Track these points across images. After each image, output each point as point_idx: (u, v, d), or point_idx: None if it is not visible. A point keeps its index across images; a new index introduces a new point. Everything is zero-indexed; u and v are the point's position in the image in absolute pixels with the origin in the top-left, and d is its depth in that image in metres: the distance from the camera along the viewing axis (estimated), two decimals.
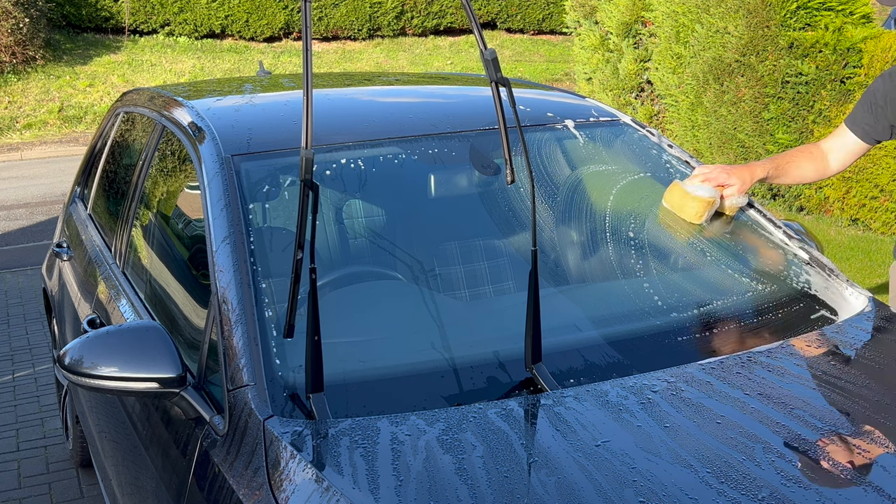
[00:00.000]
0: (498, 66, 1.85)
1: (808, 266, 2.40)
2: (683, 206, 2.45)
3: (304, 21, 1.71)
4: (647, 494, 1.50)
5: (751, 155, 7.91)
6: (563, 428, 1.70)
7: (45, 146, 13.04)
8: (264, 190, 2.38)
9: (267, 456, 1.69)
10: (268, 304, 2.00)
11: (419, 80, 3.74)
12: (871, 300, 2.30)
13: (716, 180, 2.49)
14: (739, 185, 2.50)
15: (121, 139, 3.58)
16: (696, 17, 8.22)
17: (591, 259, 2.45)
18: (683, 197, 2.45)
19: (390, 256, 2.42)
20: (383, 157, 2.52)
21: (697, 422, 1.71)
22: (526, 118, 2.62)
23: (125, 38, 16.30)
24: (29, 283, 6.80)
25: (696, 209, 2.43)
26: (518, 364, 1.91)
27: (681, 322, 2.15)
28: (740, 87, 7.85)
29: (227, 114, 2.68)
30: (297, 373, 1.87)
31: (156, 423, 2.20)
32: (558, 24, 17.68)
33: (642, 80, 9.37)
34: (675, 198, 2.48)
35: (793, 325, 2.15)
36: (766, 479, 1.55)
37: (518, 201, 2.50)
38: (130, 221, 2.96)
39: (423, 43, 17.86)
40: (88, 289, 3.17)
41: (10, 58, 14.28)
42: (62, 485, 3.88)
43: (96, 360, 1.97)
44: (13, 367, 5.20)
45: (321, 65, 16.27)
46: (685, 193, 2.45)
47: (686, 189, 2.46)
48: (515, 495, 1.51)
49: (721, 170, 2.51)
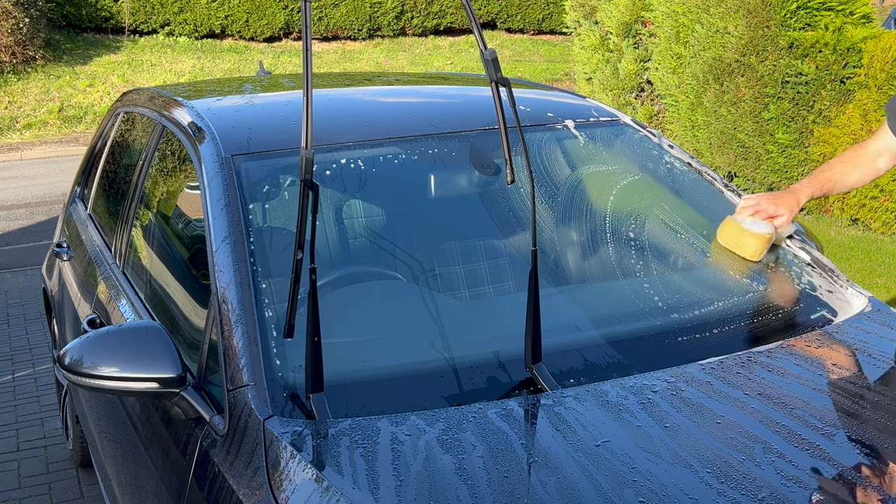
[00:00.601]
0: (498, 66, 1.85)
1: (808, 266, 2.40)
2: (741, 244, 2.39)
3: (304, 21, 1.71)
4: (647, 494, 1.50)
5: (751, 155, 7.92)
6: (563, 428, 1.70)
7: (45, 146, 13.04)
8: (264, 190, 2.38)
9: (267, 456, 1.69)
10: (268, 304, 2.00)
11: (419, 80, 3.74)
12: (871, 300, 2.30)
13: (765, 212, 2.43)
14: (788, 214, 2.46)
15: (121, 139, 3.58)
16: (696, 17, 8.22)
17: (591, 259, 2.45)
18: (741, 234, 2.40)
19: (390, 256, 2.42)
20: (383, 157, 2.52)
21: (697, 422, 1.71)
22: (526, 118, 2.62)
23: (125, 38, 16.30)
24: (29, 283, 6.80)
25: (755, 247, 2.38)
26: (518, 364, 1.91)
27: (681, 322, 2.15)
28: (740, 87, 7.86)
29: (227, 114, 2.68)
30: (297, 373, 1.87)
31: (156, 423, 2.20)
32: (558, 24, 17.68)
33: (642, 80, 9.37)
34: (732, 235, 2.42)
35: (793, 325, 2.15)
36: (766, 479, 1.55)
37: (518, 201, 2.50)
38: (130, 221, 2.96)
39: (423, 43, 17.87)
40: (88, 289, 3.17)
41: (10, 58, 14.28)
42: (62, 485, 3.88)
43: (96, 360, 1.97)
44: (13, 367, 5.20)
45: (321, 65, 16.28)
46: (742, 230, 2.39)
47: (742, 226, 2.40)
48: (515, 495, 1.51)
49: (769, 200, 2.46)
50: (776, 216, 2.43)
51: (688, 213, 2.61)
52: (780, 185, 7.77)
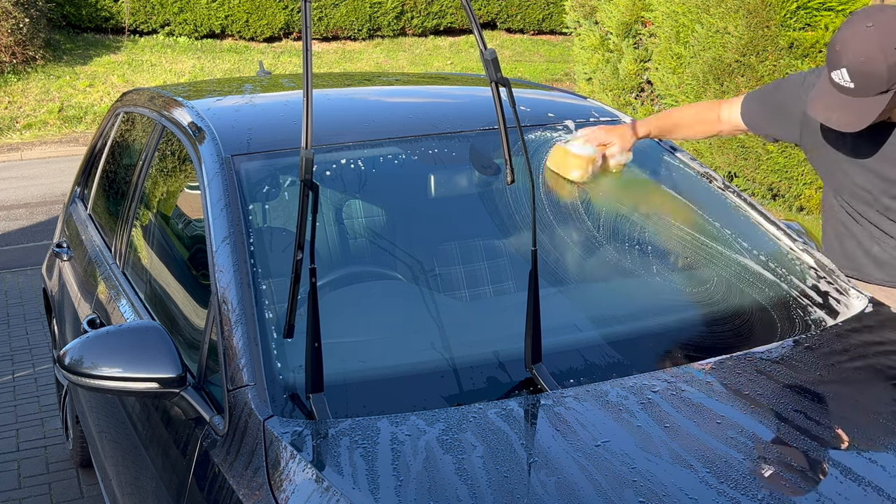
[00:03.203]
0: (498, 66, 1.85)
1: (807, 266, 2.40)
2: (565, 165, 2.49)
3: (304, 21, 1.71)
4: (647, 494, 1.50)
5: (751, 155, 7.92)
6: (563, 428, 1.70)
7: (45, 146, 13.04)
8: (264, 190, 2.38)
9: (267, 456, 1.69)
10: (268, 304, 2.00)
11: (419, 81, 3.74)
12: (871, 300, 2.30)
13: (596, 139, 2.53)
14: (620, 142, 2.56)
15: (121, 139, 3.58)
16: (696, 17, 8.22)
17: (590, 259, 2.45)
18: (565, 156, 2.49)
19: (390, 256, 2.42)
20: (383, 157, 2.52)
21: (697, 422, 1.71)
22: (526, 118, 2.62)
23: (125, 39, 16.30)
24: (29, 283, 6.80)
25: (576, 167, 2.47)
26: (518, 364, 1.91)
27: (681, 322, 2.15)
28: (740, 87, 7.85)
29: (227, 114, 2.68)
30: (297, 373, 1.87)
31: (156, 423, 2.20)
32: (558, 24, 17.68)
33: (642, 80, 9.37)
34: (557, 158, 2.51)
35: (793, 326, 2.15)
36: (766, 479, 1.55)
37: (518, 201, 2.50)
38: (130, 221, 2.96)
39: (423, 43, 17.86)
40: (88, 289, 3.17)
41: (10, 58, 14.28)
42: (62, 485, 3.88)
43: (96, 360, 1.97)
44: (13, 367, 5.20)
45: (321, 65, 16.28)
46: (566, 153, 2.49)
47: (567, 149, 2.49)
48: (515, 495, 1.51)
49: (602, 129, 2.57)
50: (608, 143, 2.54)
51: (688, 212, 2.61)
52: (780, 185, 7.77)
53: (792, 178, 7.66)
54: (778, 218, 2.74)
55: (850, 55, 2.22)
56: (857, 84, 2.23)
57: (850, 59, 2.22)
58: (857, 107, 2.25)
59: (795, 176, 7.64)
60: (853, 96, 2.25)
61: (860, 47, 2.20)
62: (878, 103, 2.23)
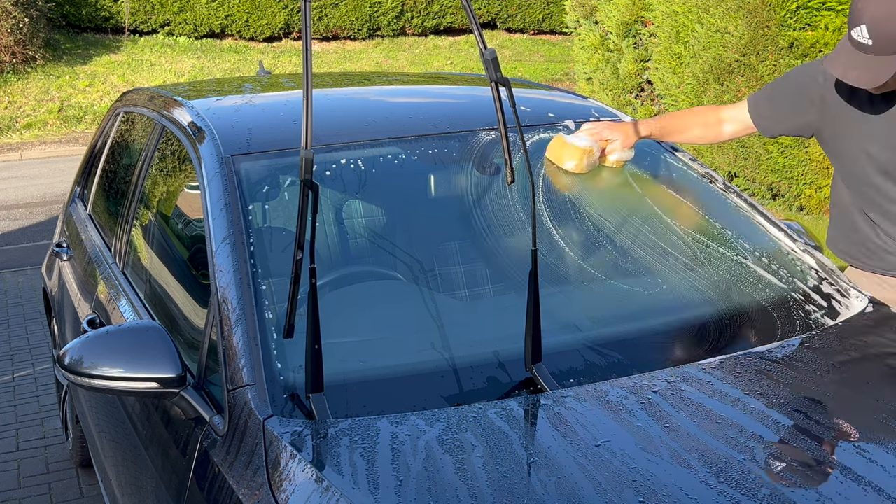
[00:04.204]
0: (498, 66, 1.85)
1: (808, 266, 2.40)
2: (562, 156, 2.51)
3: (304, 21, 1.71)
4: (647, 494, 1.50)
5: (751, 155, 7.92)
6: (563, 428, 1.70)
7: (45, 146, 13.03)
8: (264, 190, 2.38)
9: (267, 456, 1.69)
10: (268, 304, 2.00)
11: (419, 80, 3.74)
12: (870, 300, 2.30)
13: (598, 135, 2.55)
14: (622, 139, 2.57)
15: (121, 139, 3.58)
16: (696, 17, 8.22)
17: (590, 259, 2.45)
18: (562, 146, 2.51)
19: (390, 256, 2.42)
20: (383, 157, 2.52)
21: (697, 422, 1.71)
22: (526, 118, 2.62)
23: (125, 38, 16.30)
24: (29, 283, 6.80)
25: (570, 156, 2.49)
26: (518, 364, 1.91)
27: (681, 322, 2.15)
28: (740, 87, 7.85)
29: (226, 114, 2.68)
30: (296, 373, 1.87)
31: (156, 423, 2.20)
32: (558, 24, 17.68)
33: (642, 80, 9.37)
34: (555, 148, 2.53)
35: (793, 326, 2.15)
36: (766, 479, 1.55)
37: (518, 201, 2.50)
38: (130, 221, 2.96)
39: (423, 43, 17.86)
40: (88, 289, 3.17)
41: (10, 58, 14.27)
42: (62, 485, 3.88)
43: (96, 360, 1.97)
44: (13, 367, 5.20)
45: (321, 65, 16.27)
46: (564, 143, 2.51)
47: (565, 139, 2.52)
48: (515, 495, 1.51)
49: (605, 125, 2.59)
50: (610, 140, 2.56)
51: (688, 213, 2.61)
52: (780, 185, 7.77)
53: (792, 178, 7.66)
54: (778, 218, 2.74)
55: (871, 11, 2.26)
56: (876, 41, 2.25)
57: (870, 15, 2.26)
58: (874, 64, 2.28)
59: (795, 176, 7.64)
60: (871, 54, 2.28)
61: (881, 4, 2.24)
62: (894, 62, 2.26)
